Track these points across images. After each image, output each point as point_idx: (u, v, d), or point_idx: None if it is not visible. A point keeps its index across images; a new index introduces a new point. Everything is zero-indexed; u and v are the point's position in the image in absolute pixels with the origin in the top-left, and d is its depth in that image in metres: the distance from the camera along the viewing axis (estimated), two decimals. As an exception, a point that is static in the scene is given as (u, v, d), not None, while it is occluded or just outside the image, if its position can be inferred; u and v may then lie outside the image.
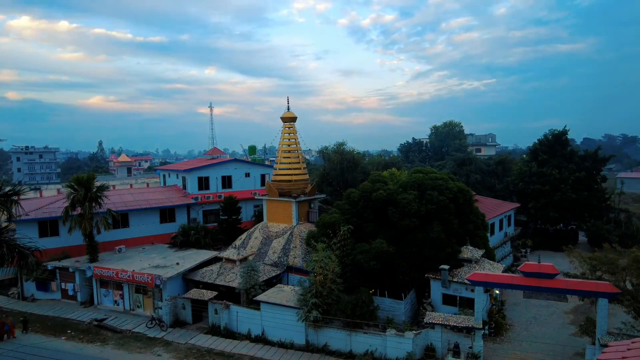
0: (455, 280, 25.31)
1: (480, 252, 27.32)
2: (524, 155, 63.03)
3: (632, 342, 7.04)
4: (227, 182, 45.50)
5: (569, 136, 50.10)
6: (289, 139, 36.36)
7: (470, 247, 27.19)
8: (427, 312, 23.87)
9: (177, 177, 47.19)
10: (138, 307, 29.99)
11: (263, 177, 48.45)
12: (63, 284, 32.02)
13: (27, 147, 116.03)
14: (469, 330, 21.35)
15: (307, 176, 37.03)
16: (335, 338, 23.75)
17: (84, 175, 32.21)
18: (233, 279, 28.18)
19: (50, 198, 40.48)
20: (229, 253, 30.66)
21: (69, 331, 26.93)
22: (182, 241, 36.73)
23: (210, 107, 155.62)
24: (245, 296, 27.14)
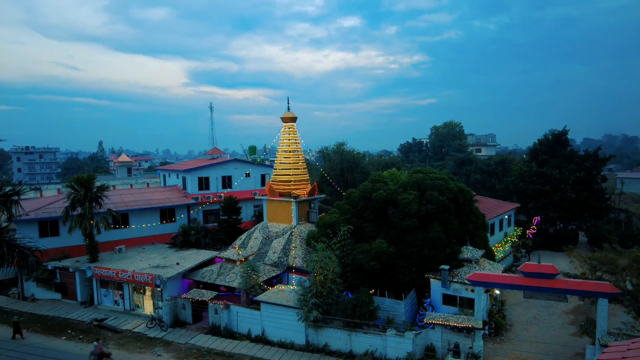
0: (455, 280, 25.29)
1: (481, 253, 27.31)
2: (524, 156, 63.01)
3: (632, 342, 7.05)
4: (227, 182, 45.53)
5: (569, 136, 50.04)
6: (289, 139, 36.35)
7: (470, 247, 27.17)
8: (427, 313, 23.91)
9: (177, 177, 47.21)
10: (138, 307, 30.01)
11: (263, 177, 48.48)
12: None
13: (27, 147, 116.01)
14: (469, 330, 21.37)
15: (307, 176, 37.03)
16: (336, 338, 23.76)
17: (84, 176, 32.19)
18: (233, 279, 28.20)
19: (51, 198, 40.50)
20: (229, 253, 30.68)
21: (69, 331, 26.94)
22: (182, 241, 36.81)
23: (211, 107, 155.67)
24: (246, 296, 27.17)
